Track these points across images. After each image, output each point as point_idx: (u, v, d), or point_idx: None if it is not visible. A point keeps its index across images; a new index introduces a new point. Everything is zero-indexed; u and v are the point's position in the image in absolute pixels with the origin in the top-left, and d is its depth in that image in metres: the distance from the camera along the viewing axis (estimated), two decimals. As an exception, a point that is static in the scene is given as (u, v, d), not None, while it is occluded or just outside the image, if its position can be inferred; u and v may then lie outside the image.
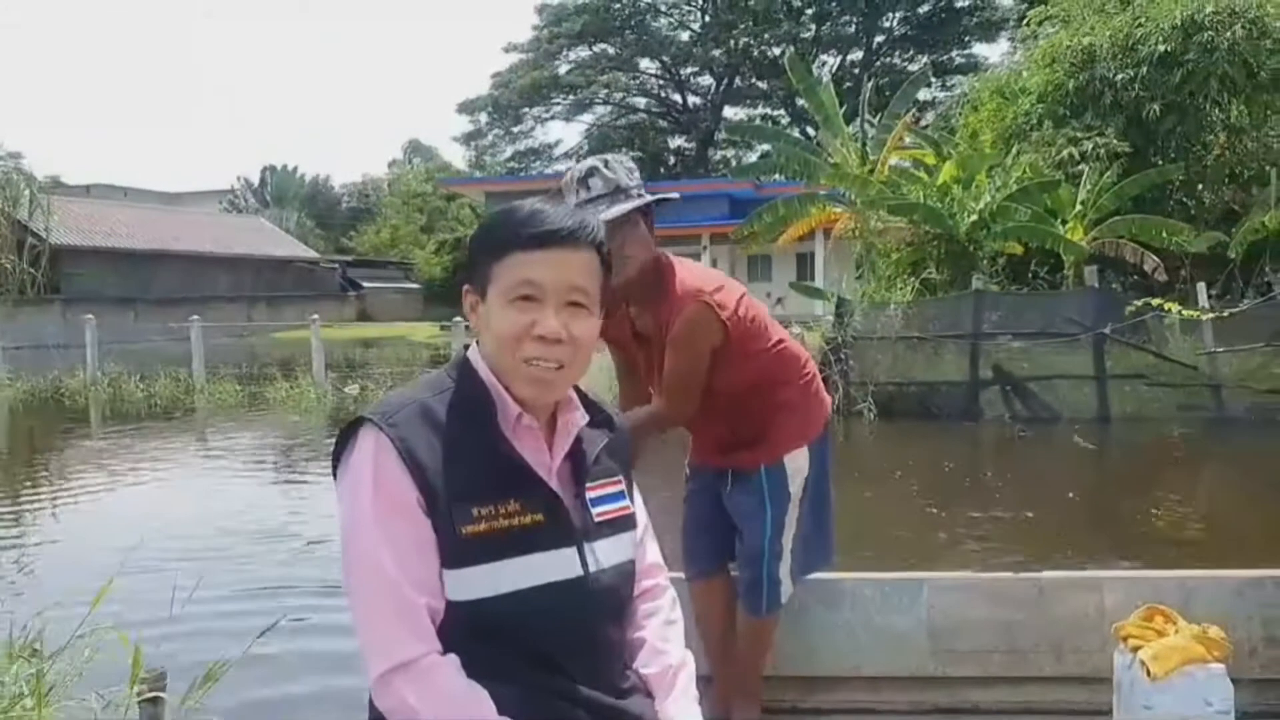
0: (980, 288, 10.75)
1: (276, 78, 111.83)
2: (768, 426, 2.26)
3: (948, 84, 35.84)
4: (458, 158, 46.68)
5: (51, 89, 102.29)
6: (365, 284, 37.15)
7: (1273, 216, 13.11)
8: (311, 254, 37.93)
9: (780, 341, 2.28)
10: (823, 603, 2.31)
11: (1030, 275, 13.18)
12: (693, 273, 2.17)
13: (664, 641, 1.29)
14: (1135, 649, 2.04)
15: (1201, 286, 10.17)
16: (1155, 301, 8.89)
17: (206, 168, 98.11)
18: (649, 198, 2.12)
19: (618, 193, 2.06)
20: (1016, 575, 2.40)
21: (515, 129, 41.42)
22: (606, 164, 2.09)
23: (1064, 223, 13.55)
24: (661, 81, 41.00)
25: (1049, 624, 2.29)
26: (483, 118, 41.21)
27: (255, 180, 48.84)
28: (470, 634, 1.11)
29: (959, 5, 36.05)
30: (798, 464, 2.25)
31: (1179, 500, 6.64)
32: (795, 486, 2.24)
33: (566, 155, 41.31)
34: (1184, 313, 9.02)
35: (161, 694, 1.89)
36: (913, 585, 2.36)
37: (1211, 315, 9.14)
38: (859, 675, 2.35)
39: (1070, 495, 6.95)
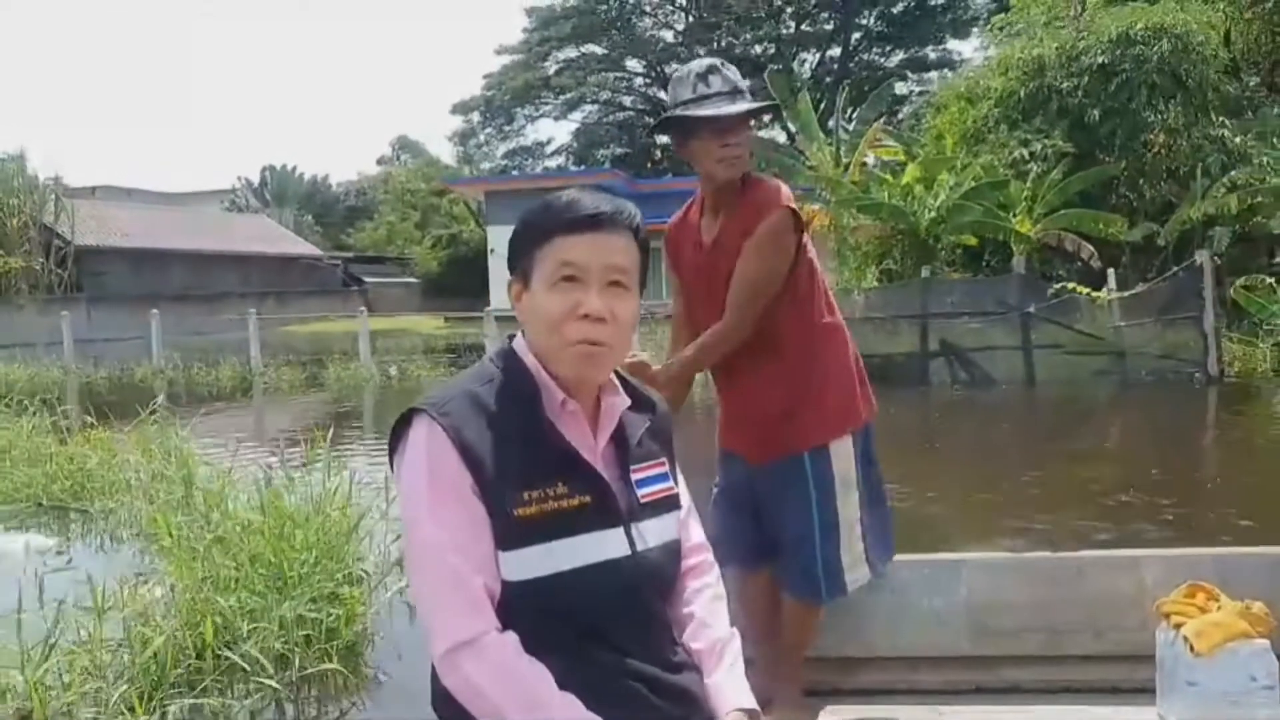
0: (929, 276, 12.56)
1: (271, 78, 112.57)
2: (816, 400, 2.19)
3: (924, 80, 37.35)
4: (446, 153, 47.55)
5: (49, 91, 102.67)
6: (366, 279, 38.17)
7: (1197, 208, 14.78)
8: (315, 251, 38.77)
9: (832, 310, 2.26)
10: (862, 585, 2.29)
11: (984, 264, 14.88)
12: (775, 185, 2.18)
13: (711, 616, 1.31)
14: (1178, 626, 2.02)
15: (1111, 272, 11.90)
16: (1070, 285, 10.66)
17: (205, 169, 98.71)
18: (766, 103, 2.22)
19: (736, 93, 2.06)
20: (1055, 555, 2.48)
21: (508, 128, 42.65)
22: (723, 64, 2.08)
23: (1015, 217, 14.98)
24: (647, 81, 42.35)
25: (1088, 603, 2.29)
26: (475, 117, 42.39)
27: (255, 180, 49.71)
28: (526, 612, 1.14)
29: (932, 3, 36.98)
30: (843, 451, 2.19)
31: (1059, 427, 9.11)
32: (841, 471, 2.18)
33: (557, 153, 42.84)
34: (1091, 294, 10.83)
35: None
36: (951, 566, 2.39)
37: (1115, 296, 10.95)
38: (899, 656, 2.36)
39: (992, 430, 9.13)
